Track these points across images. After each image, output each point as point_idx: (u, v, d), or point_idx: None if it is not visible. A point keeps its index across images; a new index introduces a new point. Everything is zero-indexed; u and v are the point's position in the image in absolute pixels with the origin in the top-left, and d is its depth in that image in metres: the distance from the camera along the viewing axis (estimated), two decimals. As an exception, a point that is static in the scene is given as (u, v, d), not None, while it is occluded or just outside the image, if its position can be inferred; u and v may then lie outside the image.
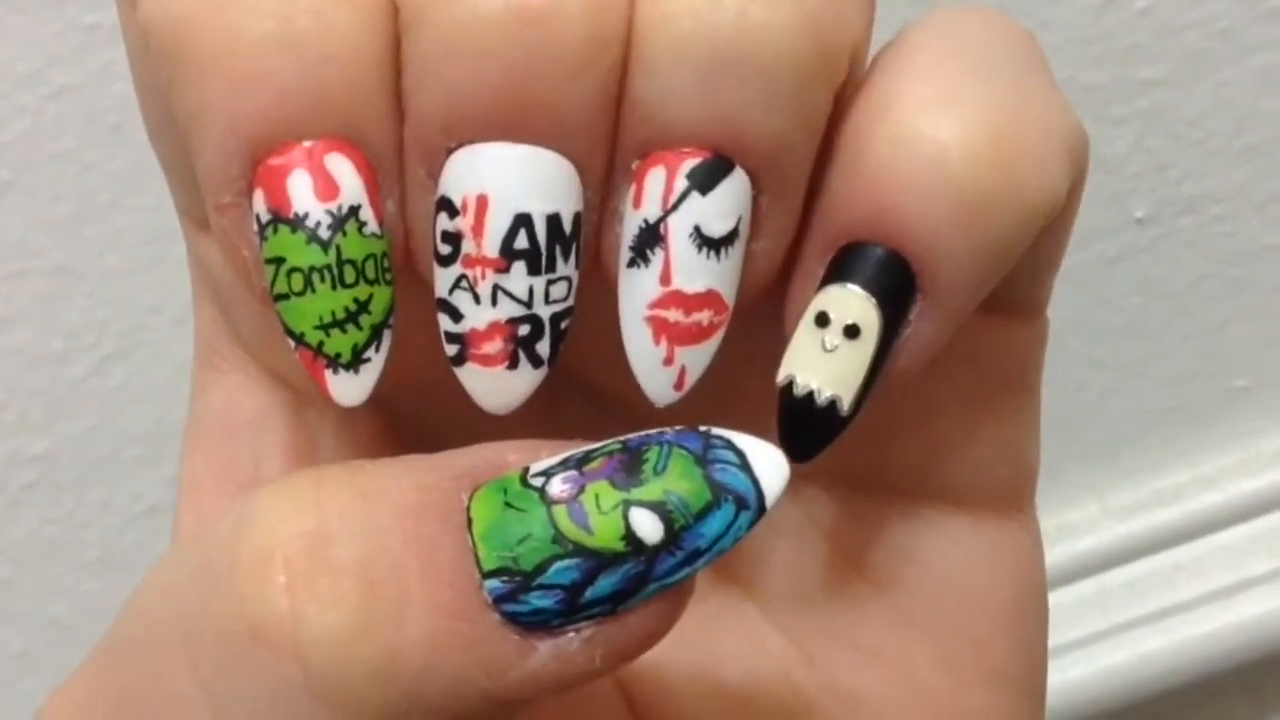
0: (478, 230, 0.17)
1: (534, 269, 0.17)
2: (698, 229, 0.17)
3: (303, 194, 0.17)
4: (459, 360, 0.18)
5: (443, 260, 0.17)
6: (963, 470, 0.21)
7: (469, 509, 0.16)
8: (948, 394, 0.21)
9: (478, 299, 0.17)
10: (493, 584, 0.16)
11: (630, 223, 0.18)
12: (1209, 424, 0.49)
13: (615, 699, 0.22)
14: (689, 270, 0.17)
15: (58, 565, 0.46)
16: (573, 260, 0.17)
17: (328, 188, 0.17)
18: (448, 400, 0.19)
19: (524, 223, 0.17)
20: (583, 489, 0.16)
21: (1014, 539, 0.22)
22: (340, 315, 0.17)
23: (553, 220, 0.17)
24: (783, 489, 0.16)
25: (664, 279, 0.17)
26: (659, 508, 0.16)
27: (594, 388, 0.21)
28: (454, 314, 0.18)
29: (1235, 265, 0.47)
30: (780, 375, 0.18)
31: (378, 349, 0.18)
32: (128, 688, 0.17)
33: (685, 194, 0.17)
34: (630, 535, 0.16)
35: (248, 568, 0.16)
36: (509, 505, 0.16)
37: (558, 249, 0.17)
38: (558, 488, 0.16)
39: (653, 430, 0.17)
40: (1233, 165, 0.45)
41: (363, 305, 0.17)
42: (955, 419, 0.21)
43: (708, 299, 0.18)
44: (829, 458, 0.18)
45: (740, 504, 0.16)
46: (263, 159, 0.17)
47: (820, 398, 0.18)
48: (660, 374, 0.18)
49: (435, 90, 0.17)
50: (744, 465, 0.16)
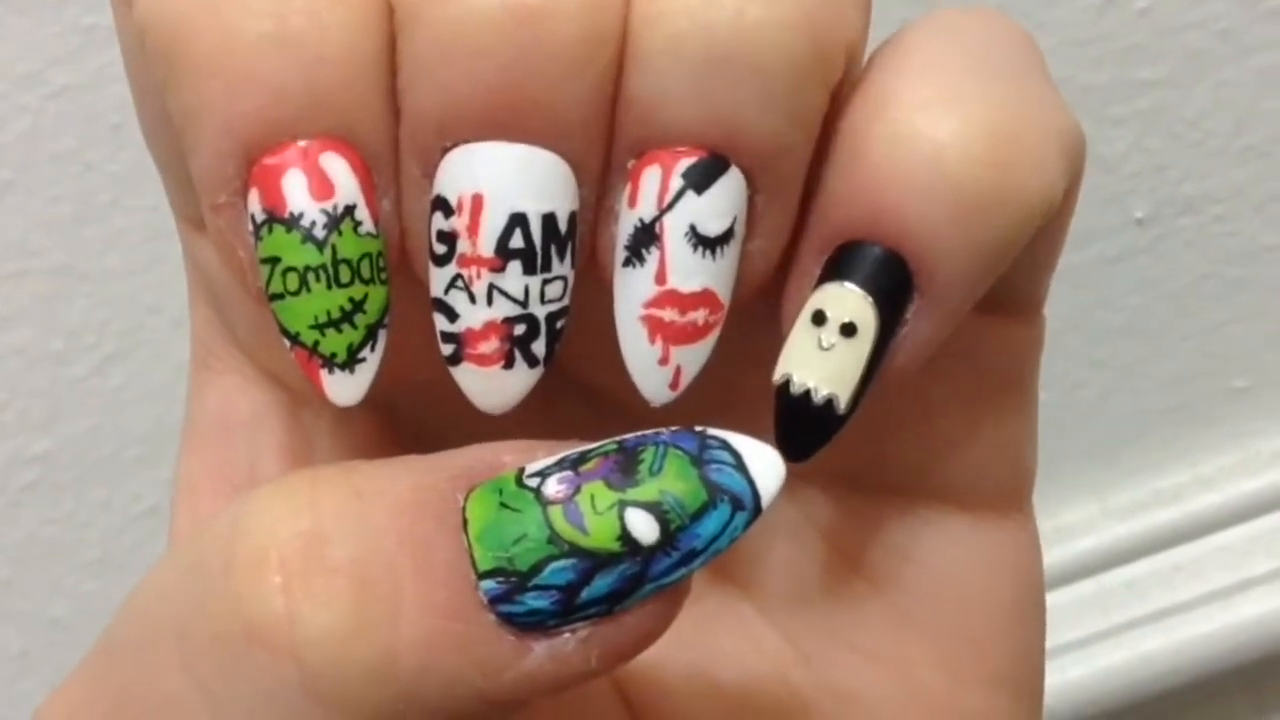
0: (473, 230, 0.17)
1: (529, 268, 0.17)
2: (693, 228, 0.17)
3: (298, 193, 0.17)
4: (454, 360, 0.18)
5: (438, 260, 0.17)
6: (960, 470, 0.21)
7: (464, 509, 0.16)
8: (945, 393, 0.21)
9: (473, 298, 0.17)
10: (488, 584, 0.16)
11: (626, 222, 0.18)
12: (1209, 424, 0.49)
13: (612, 699, 0.22)
14: (684, 269, 0.17)
15: (58, 565, 0.46)
16: (568, 260, 0.17)
17: (323, 187, 0.17)
18: (443, 400, 0.18)
19: (519, 222, 0.17)
20: (578, 489, 0.16)
21: (1012, 539, 0.22)
22: (335, 315, 0.17)
23: (548, 220, 0.17)
24: (778, 489, 0.16)
25: (659, 278, 0.17)
26: (654, 508, 0.16)
27: (590, 387, 0.21)
28: (449, 313, 0.18)
29: (1235, 265, 0.47)
30: (777, 374, 0.18)
31: (373, 349, 0.17)
32: (125, 688, 0.17)
33: (681, 193, 0.17)
34: (626, 536, 0.16)
35: (243, 568, 0.16)
36: (504, 506, 0.16)
37: (553, 248, 0.17)
38: (553, 488, 0.16)
39: (648, 430, 0.17)
40: (1232, 165, 0.45)
41: (358, 305, 0.17)
42: (952, 418, 0.21)
43: (703, 298, 0.18)
44: (826, 457, 0.18)
45: (736, 504, 0.16)
46: (258, 159, 0.17)
47: (817, 396, 0.18)
48: (656, 373, 0.18)
49: (430, 90, 0.17)
50: (739, 465, 0.16)
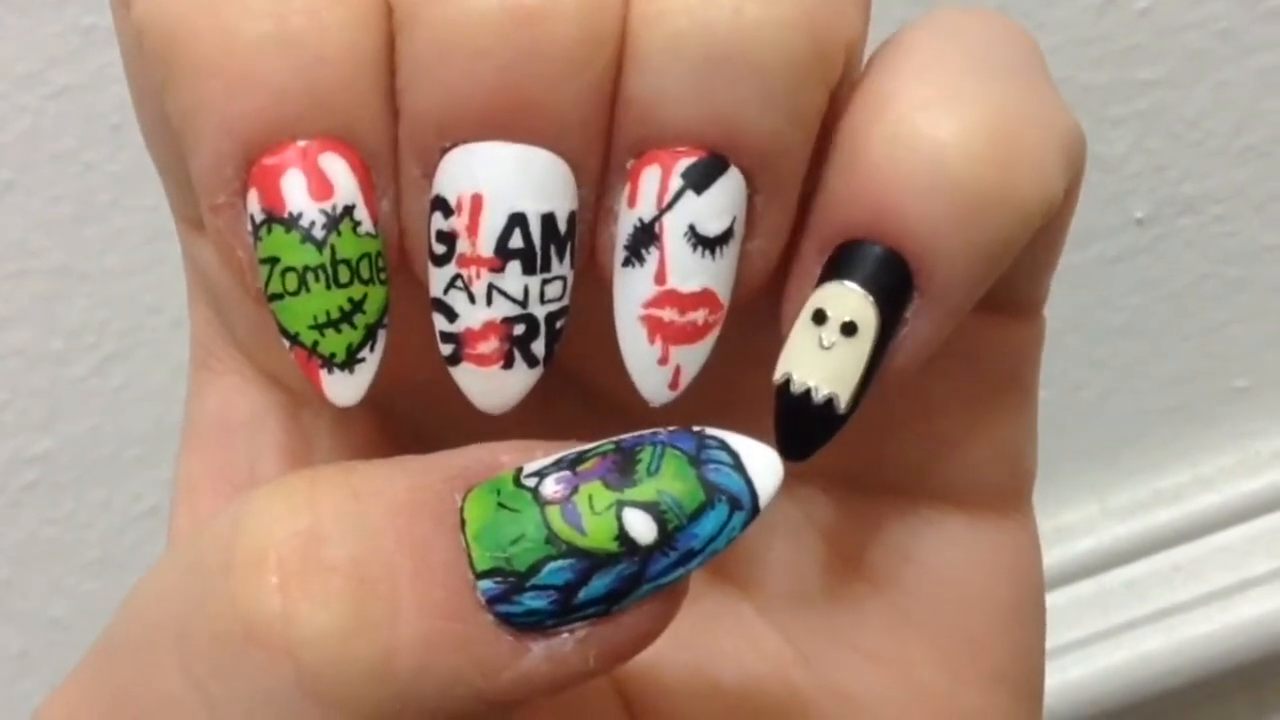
0: (472, 230, 0.17)
1: (529, 268, 0.17)
2: (693, 228, 0.17)
3: (297, 194, 0.17)
4: (454, 360, 0.18)
5: (437, 260, 0.17)
6: (960, 470, 0.21)
7: (462, 509, 0.16)
8: (945, 393, 0.21)
9: (473, 298, 0.17)
10: (486, 585, 0.16)
11: (625, 222, 0.18)
12: (1209, 424, 0.49)
13: (611, 699, 0.22)
14: (684, 269, 0.17)
15: (58, 565, 0.46)
16: (568, 260, 0.17)
17: (322, 187, 0.17)
18: (443, 400, 0.18)
19: (519, 222, 0.17)
20: (576, 489, 0.16)
21: (1012, 539, 0.22)
22: (335, 315, 0.17)
23: (547, 220, 0.17)
24: (776, 489, 0.16)
25: (659, 278, 0.17)
26: (652, 508, 0.16)
27: (589, 387, 0.21)
28: (449, 313, 0.18)
29: (1235, 265, 0.47)
30: (777, 373, 0.18)
31: (372, 349, 0.17)
32: (123, 688, 0.17)
33: (680, 193, 0.17)
34: (624, 536, 0.16)
35: (242, 568, 0.16)
36: (502, 506, 0.16)
37: (552, 248, 0.17)
38: (551, 488, 0.16)
39: (646, 430, 0.17)
40: (1232, 165, 0.45)
41: (357, 305, 0.17)
42: (953, 418, 0.21)
43: (703, 298, 0.18)
44: (826, 457, 0.18)
45: (734, 504, 0.16)
46: (257, 159, 0.17)
47: (817, 395, 0.18)
48: (655, 373, 0.18)
49: (429, 90, 0.17)
50: (738, 465, 0.16)
